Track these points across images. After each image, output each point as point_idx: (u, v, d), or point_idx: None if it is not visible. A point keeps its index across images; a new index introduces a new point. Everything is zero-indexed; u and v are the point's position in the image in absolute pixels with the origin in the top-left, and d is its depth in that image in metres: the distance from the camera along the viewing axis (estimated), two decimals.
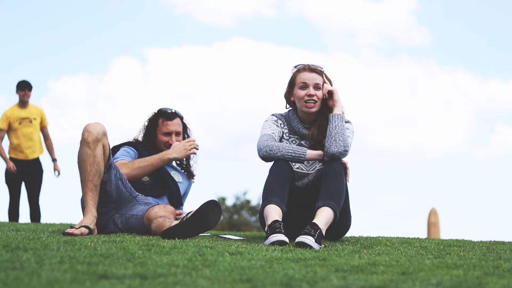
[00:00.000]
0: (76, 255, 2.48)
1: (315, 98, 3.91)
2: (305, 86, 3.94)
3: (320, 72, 3.98)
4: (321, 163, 3.98)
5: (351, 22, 29.85)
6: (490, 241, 4.76)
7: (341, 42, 29.82)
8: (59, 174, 8.52)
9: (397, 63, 27.43)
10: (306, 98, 3.92)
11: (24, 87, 8.38)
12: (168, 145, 4.49)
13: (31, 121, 8.38)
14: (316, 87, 3.93)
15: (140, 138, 4.56)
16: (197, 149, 4.43)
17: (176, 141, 4.50)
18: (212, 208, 3.58)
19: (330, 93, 3.95)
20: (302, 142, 4.01)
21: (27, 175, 8.31)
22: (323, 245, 3.43)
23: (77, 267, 2.16)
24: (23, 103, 8.38)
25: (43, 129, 8.51)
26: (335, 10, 29.90)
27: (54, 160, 8.57)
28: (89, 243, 2.97)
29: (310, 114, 3.96)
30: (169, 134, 4.49)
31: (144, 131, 4.57)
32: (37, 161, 8.42)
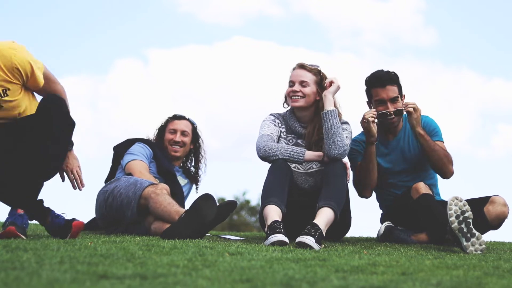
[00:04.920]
0: (76, 255, 2.48)
1: (299, 94, 3.95)
2: (292, 83, 3.98)
3: (310, 70, 3.99)
4: (318, 163, 3.99)
5: (356, 22, 29.76)
6: (490, 241, 4.77)
7: (346, 42, 29.74)
8: None
9: (401, 63, 27.34)
10: (291, 94, 3.96)
11: None
12: (172, 143, 4.56)
13: None
14: (302, 83, 3.96)
15: (152, 139, 4.67)
16: None
17: (182, 140, 4.56)
18: (205, 201, 3.57)
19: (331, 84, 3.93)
20: (299, 141, 4.01)
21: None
22: (323, 246, 3.43)
23: (77, 267, 2.16)
24: None
25: (38, 91, 3.53)
26: (340, 9, 29.81)
27: None
28: (89, 243, 2.97)
29: (301, 110, 3.99)
30: (174, 132, 4.61)
31: (156, 133, 4.70)
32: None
